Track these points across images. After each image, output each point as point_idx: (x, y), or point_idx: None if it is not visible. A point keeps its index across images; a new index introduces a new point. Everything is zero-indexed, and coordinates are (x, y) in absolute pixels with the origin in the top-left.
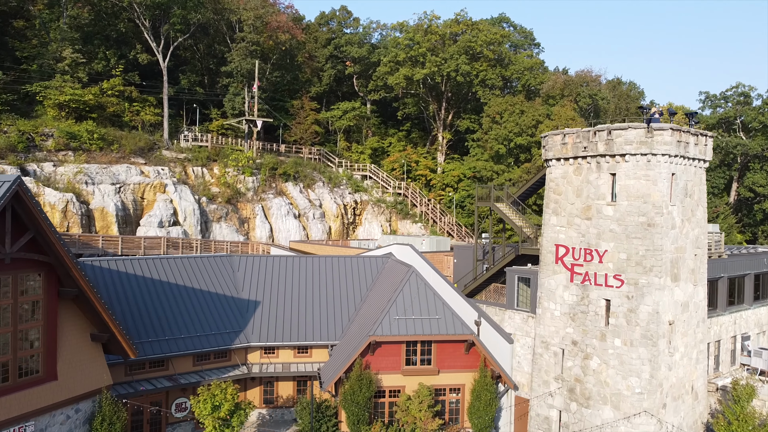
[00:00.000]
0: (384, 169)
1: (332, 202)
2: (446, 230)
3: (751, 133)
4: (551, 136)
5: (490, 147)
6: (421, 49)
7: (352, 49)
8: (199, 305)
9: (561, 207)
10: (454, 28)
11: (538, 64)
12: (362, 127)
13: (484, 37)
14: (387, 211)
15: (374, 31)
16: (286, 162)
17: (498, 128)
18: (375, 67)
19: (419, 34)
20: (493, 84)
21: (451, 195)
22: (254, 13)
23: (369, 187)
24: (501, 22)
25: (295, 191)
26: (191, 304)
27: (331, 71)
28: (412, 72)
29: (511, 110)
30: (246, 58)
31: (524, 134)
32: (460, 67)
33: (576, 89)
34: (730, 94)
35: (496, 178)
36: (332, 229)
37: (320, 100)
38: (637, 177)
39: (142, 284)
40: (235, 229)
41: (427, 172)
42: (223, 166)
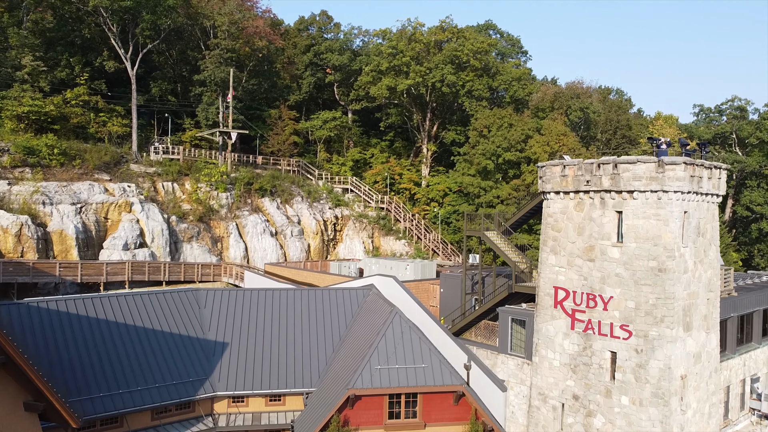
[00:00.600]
0: (366, 181)
1: (311, 218)
2: (431, 248)
3: (747, 149)
4: (549, 167)
5: (477, 162)
6: (404, 58)
7: (333, 56)
8: (159, 349)
9: (560, 245)
10: (439, 35)
11: (527, 73)
12: (343, 138)
13: (471, 46)
14: (369, 226)
15: (356, 37)
16: (263, 175)
17: (485, 143)
18: (356, 75)
19: (403, 42)
20: (480, 95)
21: (436, 210)
22: (229, 18)
23: (350, 201)
24: (487, 29)
25: (272, 207)
26: (150, 348)
27: (311, 79)
28: (395, 82)
29: (499, 124)
30: (220, 66)
31: (513, 149)
32: (446, 78)
33: (566, 102)
34: (726, 108)
35: (483, 194)
36: (311, 247)
37: (300, 109)
38: (646, 216)
39: (95, 327)
40: (207, 250)
41: (411, 185)
42: (195, 182)
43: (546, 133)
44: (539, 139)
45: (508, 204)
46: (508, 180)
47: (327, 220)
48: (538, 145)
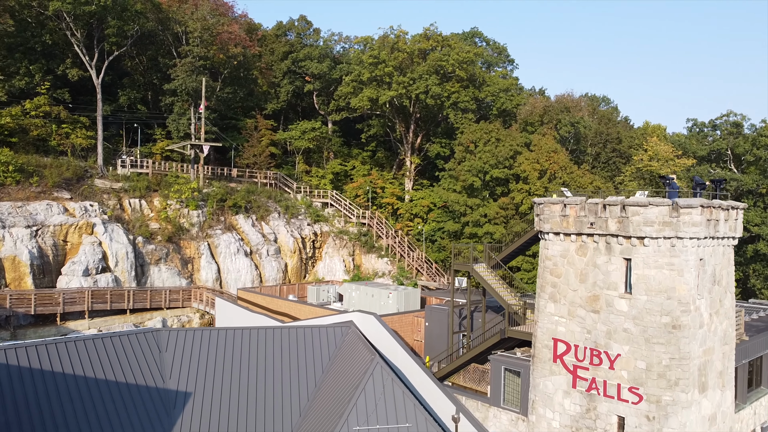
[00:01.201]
0: (347, 195)
1: (289, 236)
2: (415, 267)
3: (742, 165)
4: (548, 205)
5: (463, 179)
6: (387, 68)
7: (312, 64)
8: (112, 403)
9: (560, 293)
10: (423, 44)
11: (514, 84)
12: (323, 149)
13: (456, 56)
14: (350, 244)
15: (336, 44)
16: (238, 190)
17: (472, 159)
18: (337, 83)
19: (385, 51)
20: (466, 107)
21: (420, 227)
22: (202, 24)
23: (330, 217)
24: (473, 36)
25: (247, 225)
26: (102, 402)
27: (289, 87)
28: (377, 93)
29: (486, 138)
30: (192, 75)
31: (501, 166)
32: (430, 89)
33: (556, 115)
34: (721, 123)
35: (470, 213)
36: (288, 266)
37: (277, 118)
38: (658, 266)
39: (28, 382)
40: (176, 272)
41: (393, 200)
42: (165, 198)
43: (535, 149)
44: (529, 156)
45: (496, 223)
46: (495, 197)
47: (305, 238)
48: (528, 162)
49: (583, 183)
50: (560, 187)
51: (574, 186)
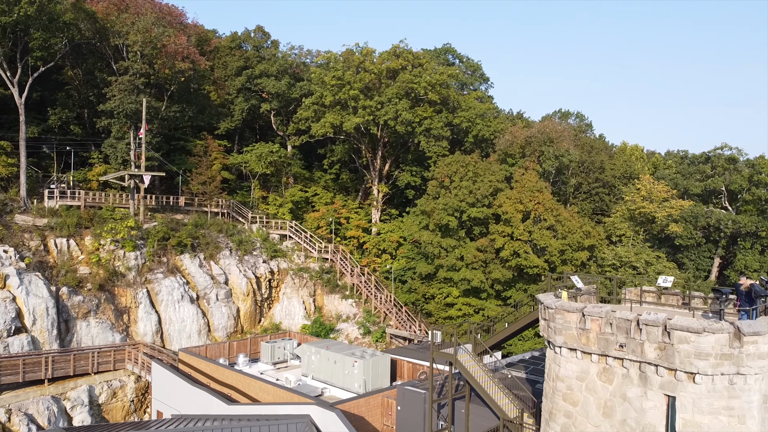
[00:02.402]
0: (308, 225)
1: (241, 276)
2: (383, 311)
3: (738, 203)
4: (561, 312)
5: (437, 218)
6: (352, 91)
7: (269, 82)
8: None
9: (576, 426)
10: (392, 63)
11: (491, 109)
12: (282, 173)
13: (429, 78)
14: (311, 282)
15: (297, 58)
16: (185, 223)
17: (447, 196)
18: (297, 102)
19: (350, 71)
20: (440, 134)
21: (388, 265)
22: (143, 36)
23: (289, 251)
24: (446, 53)
25: (194, 266)
26: None
27: (244, 105)
28: (340, 119)
29: (462, 173)
30: (131, 95)
31: (479, 204)
32: (400, 114)
33: (539, 147)
34: (714, 156)
35: (444, 255)
36: (241, 311)
37: (232, 138)
38: (713, 411)
39: None
40: (109, 326)
41: (359, 232)
42: (97, 238)
43: (517, 186)
44: (510, 195)
45: (474, 268)
46: (473, 237)
47: (260, 277)
48: (510, 203)
49: (572, 227)
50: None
51: (561, 231)
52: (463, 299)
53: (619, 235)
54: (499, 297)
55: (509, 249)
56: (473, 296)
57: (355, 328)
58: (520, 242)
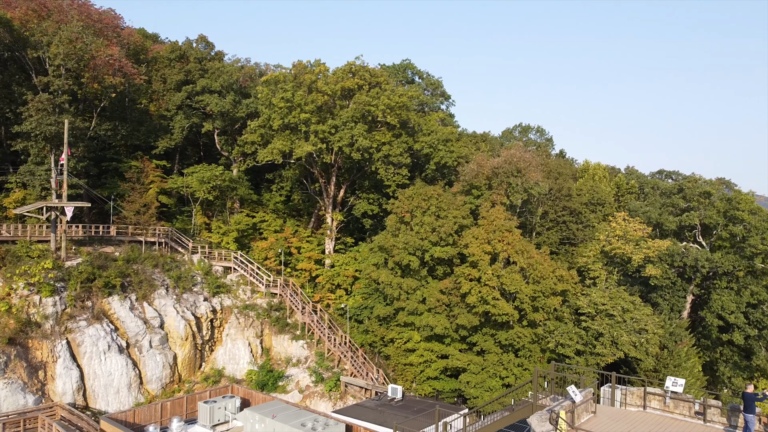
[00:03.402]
0: (255, 256)
1: (179, 318)
2: (338, 354)
3: (712, 238)
4: None
5: (397, 258)
6: (303, 114)
7: (211, 99)
8: None
9: None
10: (347, 82)
11: (454, 133)
12: (227, 197)
13: (387, 100)
14: (258, 322)
15: (243, 72)
16: (116, 257)
17: (408, 233)
18: (244, 121)
19: (301, 91)
20: (399, 161)
21: (343, 303)
22: (67, 48)
23: (234, 286)
24: (405, 70)
25: (124, 309)
26: None
27: (185, 122)
28: (290, 145)
29: (425, 207)
30: (50, 115)
31: (443, 243)
32: (356, 140)
33: (506, 179)
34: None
35: (405, 298)
36: (179, 358)
37: (172, 157)
38: None
39: None
40: (20, 386)
41: (311, 265)
42: (8, 283)
43: (484, 223)
44: (477, 233)
45: (437, 312)
46: (436, 277)
47: (201, 317)
48: (477, 243)
49: (544, 273)
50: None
51: (533, 276)
52: (425, 344)
53: (593, 277)
54: (464, 341)
55: (476, 295)
56: (436, 341)
57: (306, 375)
58: (488, 288)
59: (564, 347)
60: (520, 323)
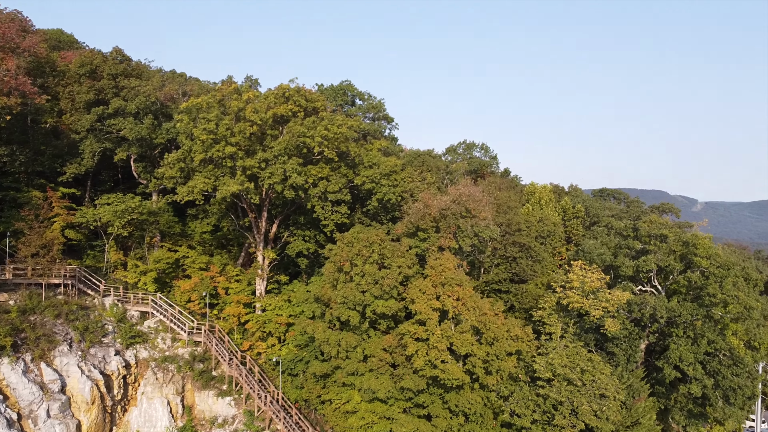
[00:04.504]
0: (177, 298)
1: (85, 379)
2: (269, 413)
3: (668, 282)
4: None
5: (336, 312)
6: (228, 148)
7: (126, 123)
8: None
9: None
10: (280, 108)
11: (398, 165)
12: (146, 231)
13: (324, 131)
14: (179, 376)
15: (164, 92)
16: (9, 308)
17: (347, 286)
18: (164, 149)
19: (227, 119)
20: (338, 198)
21: (275, 357)
22: None
23: (152, 333)
24: (344, 92)
25: (15, 373)
26: None
27: (96, 146)
28: (213, 182)
29: (366, 255)
30: None
31: (387, 296)
32: (290, 176)
33: (455, 221)
34: (642, 231)
35: (344, 357)
36: (84, 426)
37: (83, 184)
38: None
39: None
40: None
41: (240, 309)
42: None
43: (432, 274)
44: (424, 287)
45: (381, 373)
46: (379, 332)
47: (112, 374)
48: (424, 299)
49: (498, 334)
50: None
51: (486, 337)
52: (366, 406)
53: (549, 333)
54: (410, 400)
55: (423, 358)
56: (379, 402)
57: None
58: (436, 351)
59: (520, 417)
60: (472, 387)
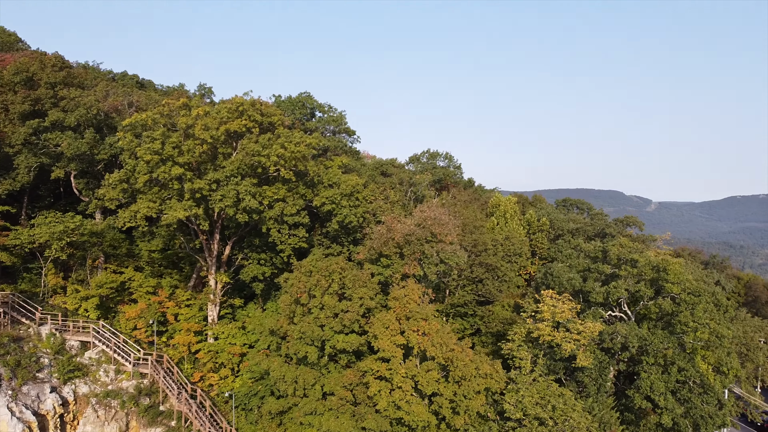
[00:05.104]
0: (122, 326)
1: (15, 422)
2: None
3: (638, 306)
4: None
5: (293, 348)
6: (175, 169)
7: (64, 138)
8: None
9: None
10: (233, 124)
11: (359, 183)
12: (88, 252)
13: (281, 150)
14: (123, 412)
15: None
16: None
17: (305, 320)
18: (108, 163)
19: (175, 135)
20: (296, 221)
21: (227, 392)
22: None
23: (93, 365)
24: (302, 105)
25: None
26: None
27: (32, 161)
28: (158, 206)
29: (325, 285)
30: None
31: (348, 330)
32: (243, 199)
33: (420, 247)
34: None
35: (302, 395)
36: None
37: (19, 200)
38: None
39: None
40: None
41: (191, 337)
42: None
43: (396, 306)
44: (387, 320)
45: (342, 412)
46: (338, 366)
47: (47, 414)
48: (388, 334)
49: (466, 373)
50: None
51: (454, 375)
52: None
53: (519, 366)
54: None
55: (386, 399)
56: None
57: None
58: (400, 391)
59: None
60: (438, 426)
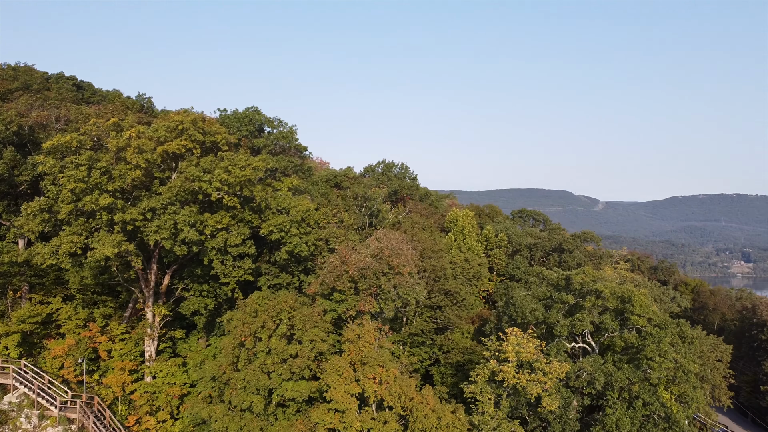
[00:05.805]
0: (48, 365)
1: None
2: None
3: (601, 337)
4: None
5: (236, 399)
6: (104, 199)
7: None
8: None
9: None
10: (171, 145)
11: (311, 209)
12: (9, 283)
13: (224, 175)
14: None
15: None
16: None
17: (250, 366)
18: (31, 183)
19: (105, 159)
20: (242, 252)
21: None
22: None
23: (13, 411)
24: (251, 120)
25: None
26: None
27: None
28: (83, 241)
29: (272, 328)
30: None
31: (297, 377)
32: (182, 231)
33: (376, 281)
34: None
35: None
36: None
37: None
38: None
39: None
40: None
41: (125, 376)
42: None
43: (351, 349)
44: (341, 367)
45: None
46: (287, 407)
47: None
48: (341, 383)
49: (427, 425)
50: None
51: (414, 428)
52: None
53: (482, 411)
54: None
55: None
56: None
57: None
58: None
59: None
60: None
